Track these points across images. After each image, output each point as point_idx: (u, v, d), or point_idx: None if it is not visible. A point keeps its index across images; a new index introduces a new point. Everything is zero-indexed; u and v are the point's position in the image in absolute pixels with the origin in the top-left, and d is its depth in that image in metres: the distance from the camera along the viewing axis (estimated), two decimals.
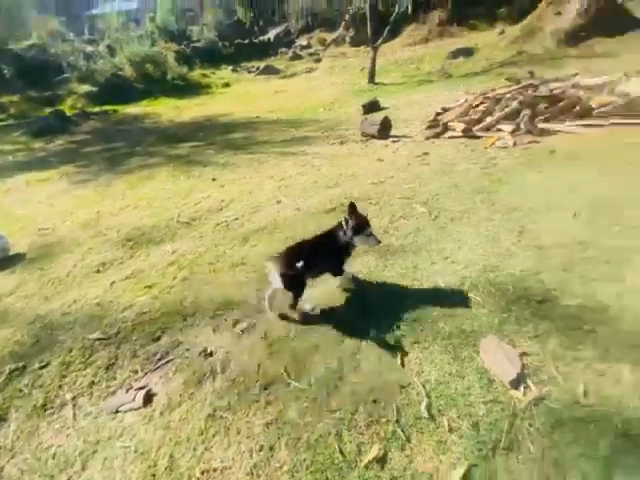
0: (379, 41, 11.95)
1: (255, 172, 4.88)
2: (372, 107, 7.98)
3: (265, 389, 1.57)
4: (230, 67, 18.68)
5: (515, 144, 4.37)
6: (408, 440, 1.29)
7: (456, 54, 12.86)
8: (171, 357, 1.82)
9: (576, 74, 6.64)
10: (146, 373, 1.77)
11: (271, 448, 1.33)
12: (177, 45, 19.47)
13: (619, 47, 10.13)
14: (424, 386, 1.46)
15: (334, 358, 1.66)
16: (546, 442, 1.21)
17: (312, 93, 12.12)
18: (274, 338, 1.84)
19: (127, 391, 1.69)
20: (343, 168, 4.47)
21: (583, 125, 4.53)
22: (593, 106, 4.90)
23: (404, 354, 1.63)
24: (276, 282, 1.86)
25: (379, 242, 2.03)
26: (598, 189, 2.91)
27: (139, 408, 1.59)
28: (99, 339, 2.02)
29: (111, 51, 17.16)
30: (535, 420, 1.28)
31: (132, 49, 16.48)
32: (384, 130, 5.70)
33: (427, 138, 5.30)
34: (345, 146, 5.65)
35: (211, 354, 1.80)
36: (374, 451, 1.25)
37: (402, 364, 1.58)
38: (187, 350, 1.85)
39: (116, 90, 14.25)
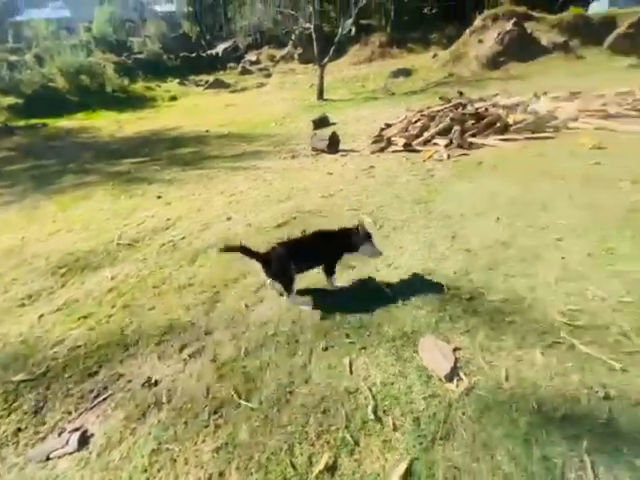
0: (326, 59, 12.52)
1: (204, 188, 4.77)
2: (322, 122, 8.29)
3: (215, 413, 1.52)
4: (177, 80, 18.15)
5: (449, 157, 4.83)
6: (357, 444, 1.34)
7: (397, 74, 13.92)
8: (110, 392, 1.69)
9: (496, 94, 7.57)
10: (81, 413, 1.61)
11: (221, 474, 1.29)
12: (117, 56, 18.48)
13: (530, 70, 11.81)
14: (370, 389, 1.54)
15: (285, 373, 1.67)
16: (476, 427, 1.34)
17: (263, 108, 12.24)
18: (224, 360, 1.80)
19: (59, 435, 1.52)
20: (295, 182, 4.56)
21: (503, 139, 5.17)
22: (510, 122, 5.63)
23: (353, 360, 1.70)
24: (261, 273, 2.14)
25: (381, 253, 2.23)
26: (515, 195, 3.34)
27: (73, 452, 1.44)
28: (24, 380, 1.80)
29: (40, 61, 15.75)
30: (467, 408, 1.42)
31: (65, 59, 15.28)
32: (333, 145, 5.95)
33: (373, 152, 5.64)
34: (296, 160, 5.78)
35: (156, 383, 1.70)
36: (324, 460, 1.28)
37: (351, 371, 1.65)
38: (129, 382, 1.73)
39: (46, 102, 13.06)
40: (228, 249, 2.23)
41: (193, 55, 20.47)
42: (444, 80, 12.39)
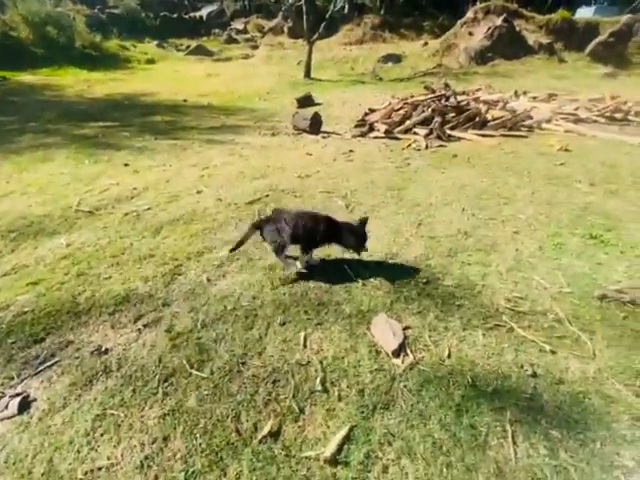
0: (315, 36, 12.08)
1: (176, 159, 4.57)
2: (306, 101, 8.09)
3: (165, 381, 1.53)
4: (155, 42, 16.94)
5: (427, 147, 4.89)
6: (302, 412, 1.40)
7: (387, 59, 13.70)
8: (57, 359, 1.64)
9: (479, 89, 7.66)
10: (24, 379, 1.56)
11: (165, 439, 1.31)
12: (89, 8, 16.90)
13: (515, 68, 12.00)
14: (321, 362, 1.60)
15: (240, 345, 1.69)
16: (415, 398, 1.44)
17: (248, 80, 11.73)
18: (179, 331, 1.79)
19: None
20: (272, 160, 4.47)
21: (480, 134, 5.29)
22: (489, 118, 5.75)
23: (308, 335, 1.75)
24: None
25: (359, 254, 2.25)
26: (483, 188, 3.46)
27: (13, 416, 1.41)
28: None
29: (1, 7, 14.08)
30: (409, 382, 1.51)
31: (29, 6, 13.76)
32: (315, 125, 5.84)
33: (354, 136, 5.61)
34: (277, 138, 5.64)
35: (106, 352, 1.67)
36: (268, 426, 1.33)
37: (304, 345, 1.69)
38: (77, 350, 1.69)
39: (6, 53, 11.82)
40: (238, 245, 2.23)
41: (174, 16, 19.09)
42: (432, 70, 12.35)
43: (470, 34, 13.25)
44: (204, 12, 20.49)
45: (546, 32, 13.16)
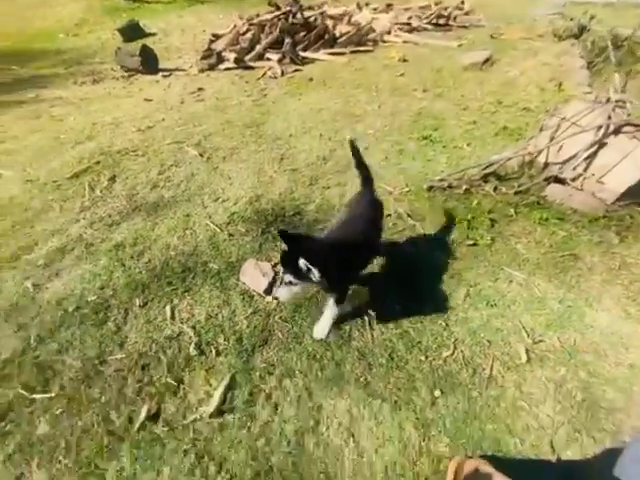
0: None
1: None
2: (133, 32, 6.45)
3: (1, 421, 1.24)
4: None
5: (283, 73, 4.59)
6: (181, 382, 1.35)
7: None
8: None
9: (324, 2, 7.32)
10: None
11: (18, 478, 1.11)
12: None
13: None
14: (194, 327, 1.53)
15: (93, 346, 1.46)
16: (289, 324, 1.53)
17: (44, 10, 8.56)
18: (7, 358, 1.43)
19: None
20: (99, 115, 3.56)
21: (332, 53, 5.20)
22: (337, 35, 5.64)
23: (175, 307, 1.62)
24: None
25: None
26: (338, 109, 3.52)
27: None
28: None
29: None
30: (283, 312, 1.59)
31: None
32: (149, 62, 4.78)
33: (202, 70, 4.84)
34: (101, 85, 4.47)
35: None
36: (144, 412, 1.25)
37: (172, 317, 1.57)
38: None
39: None
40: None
41: None
42: None
43: None
44: None
45: None
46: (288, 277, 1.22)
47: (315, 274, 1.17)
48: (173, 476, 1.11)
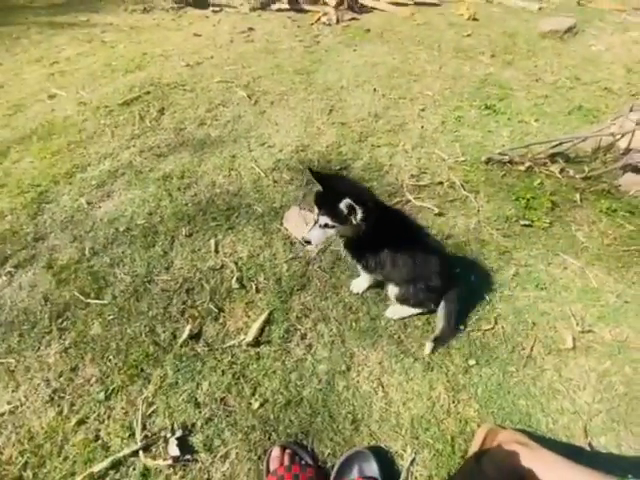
0: None
1: (8, 54, 3.28)
2: None
3: (58, 318, 1.35)
4: None
5: (338, 21, 4.26)
6: (221, 311, 1.40)
7: None
8: None
9: None
10: None
11: (73, 369, 1.23)
12: None
13: None
14: (236, 263, 1.56)
15: (142, 265, 1.53)
16: (328, 275, 1.54)
17: None
18: (64, 264, 1.53)
19: None
20: (148, 46, 3.48)
21: (394, 3, 4.73)
22: None
23: (219, 241, 1.65)
24: None
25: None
26: (395, 65, 3.25)
27: None
28: None
29: None
30: (322, 262, 1.58)
31: None
32: None
33: (253, 9, 4.57)
34: (151, 15, 4.33)
35: None
36: (187, 331, 1.32)
37: (216, 251, 1.61)
38: None
39: None
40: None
41: None
42: None
43: None
44: None
45: None
46: (324, 219, 1.14)
47: (359, 214, 1.10)
48: (211, 390, 1.19)
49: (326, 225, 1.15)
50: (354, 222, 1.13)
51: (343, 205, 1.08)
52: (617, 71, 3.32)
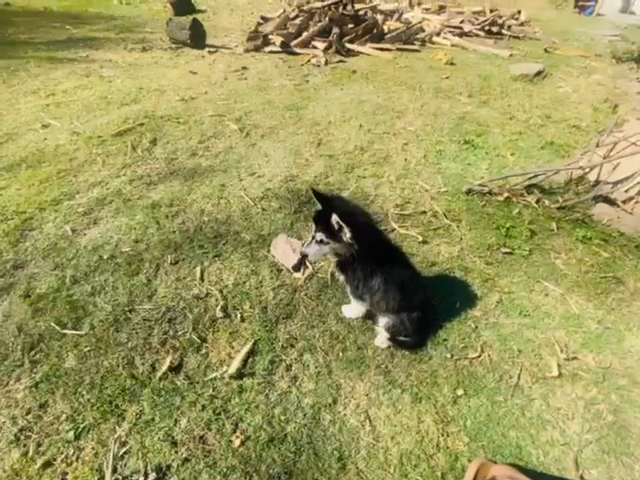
0: None
1: (4, 85, 3.37)
2: (184, 6, 6.56)
3: (30, 350, 1.29)
4: None
5: (327, 63, 4.58)
6: (204, 341, 1.36)
7: None
8: None
9: None
10: None
11: (42, 405, 1.15)
12: None
13: None
14: (221, 291, 1.54)
15: (124, 294, 1.50)
16: (314, 303, 1.53)
17: None
18: (41, 293, 1.48)
19: None
20: (145, 81, 3.64)
21: (378, 48, 5.14)
22: (385, 30, 5.57)
23: (204, 269, 1.64)
24: None
25: None
26: (379, 103, 3.48)
27: None
28: None
29: None
30: (309, 290, 1.58)
31: None
32: (197, 37, 4.85)
33: (247, 51, 4.88)
34: (149, 54, 4.56)
35: None
36: (167, 363, 1.27)
37: (202, 279, 1.59)
38: None
39: None
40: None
41: None
42: None
43: None
44: None
45: None
46: (319, 235, 1.19)
47: (346, 233, 1.14)
48: (190, 427, 1.12)
49: (321, 241, 1.20)
50: (344, 239, 1.16)
51: (333, 221, 1.13)
52: (584, 110, 3.63)
